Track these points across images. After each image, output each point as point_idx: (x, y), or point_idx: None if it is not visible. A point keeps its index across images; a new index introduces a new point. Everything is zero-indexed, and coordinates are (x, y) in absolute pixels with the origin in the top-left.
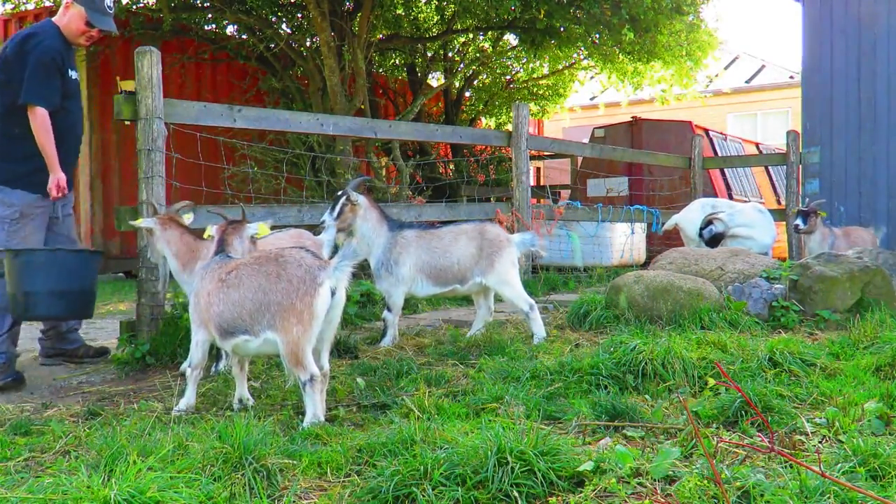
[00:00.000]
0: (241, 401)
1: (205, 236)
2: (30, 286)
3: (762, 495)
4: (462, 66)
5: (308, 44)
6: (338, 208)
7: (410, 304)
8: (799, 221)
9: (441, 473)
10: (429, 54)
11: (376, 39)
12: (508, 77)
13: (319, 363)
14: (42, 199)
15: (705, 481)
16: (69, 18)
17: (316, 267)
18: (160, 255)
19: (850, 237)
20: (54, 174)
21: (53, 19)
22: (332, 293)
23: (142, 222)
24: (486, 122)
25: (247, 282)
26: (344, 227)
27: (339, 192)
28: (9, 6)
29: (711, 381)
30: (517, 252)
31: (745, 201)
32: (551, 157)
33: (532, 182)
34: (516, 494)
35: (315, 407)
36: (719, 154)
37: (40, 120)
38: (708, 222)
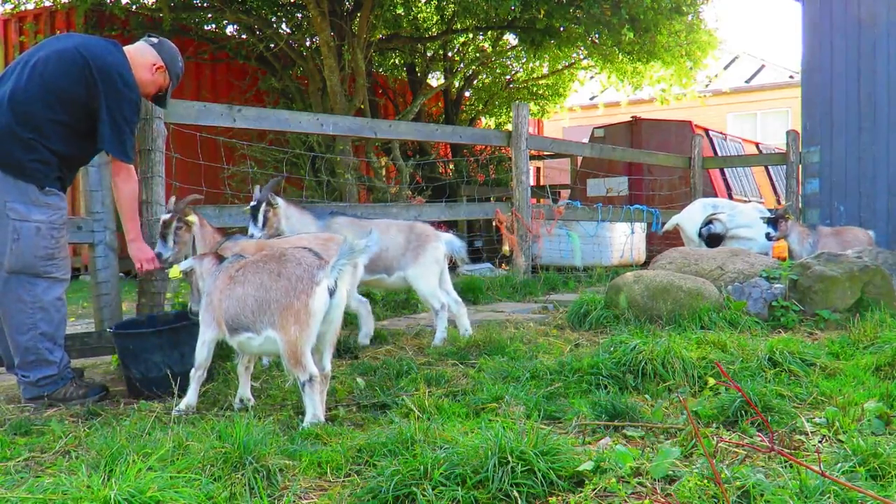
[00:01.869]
0: (241, 400)
1: (172, 276)
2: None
3: (762, 495)
4: (462, 66)
5: (308, 44)
6: (261, 218)
7: (410, 304)
8: (770, 229)
9: (441, 473)
10: (429, 54)
11: (376, 39)
12: (508, 77)
13: (321, 364)
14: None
15: (705, 481)
16: (154, 80)
17: (315, 266)
18: (189, 252)
19: (843, 236)
20: (139, 244)
21: (130, 58)
22: (332, 293)
23: (192, 218)
24: (486, 122)
25: (251, 279)
26: (273, 234)
27: (255, 203)
28: (9, 6)
29: (711, 381)
30: (444, 250)
31: (746, 201)
32: (551, 157)
33: (532, 182)
34: (516, 494)
35: (315, 407)
36: (719, 154)
37: (134, 182)
38: (708, 222)
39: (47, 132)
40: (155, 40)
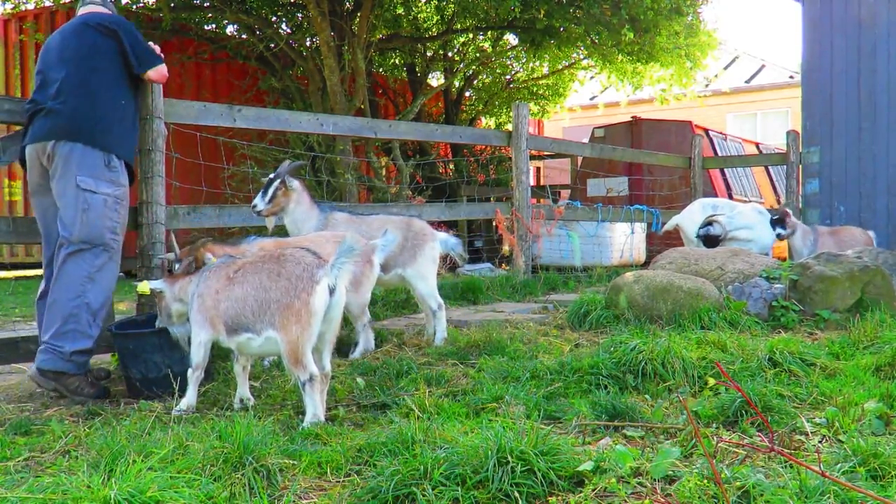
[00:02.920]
0: (241, 400)
1: (139, 291)
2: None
3: (762, 495)
4: (462, 65)
5: (308, 44)
6: (270, 192)
7: (410, 304)
8: (780, 230)
9: (441, 473)
10: (429, 54)
11: (376, 39)
12: (508, 77)
13: (321, 364)
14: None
15: (705, 481)
16: None
17: (314, 265)
18: None
19: (840, 236)
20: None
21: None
22: (332, 292)
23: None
24: (486, 122)
25: (250, 279)
26: (275, 212)
27: (272, 176)
28: (9, 6)
29: (711, 381)
30: (440, 249)
31: (746, 201)
32: (551, 157)
33: (532, 182)
34: (516, 494)
35: (315, 407)
36: (719, 154)
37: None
38: (707, 224)
39: (116, 90)
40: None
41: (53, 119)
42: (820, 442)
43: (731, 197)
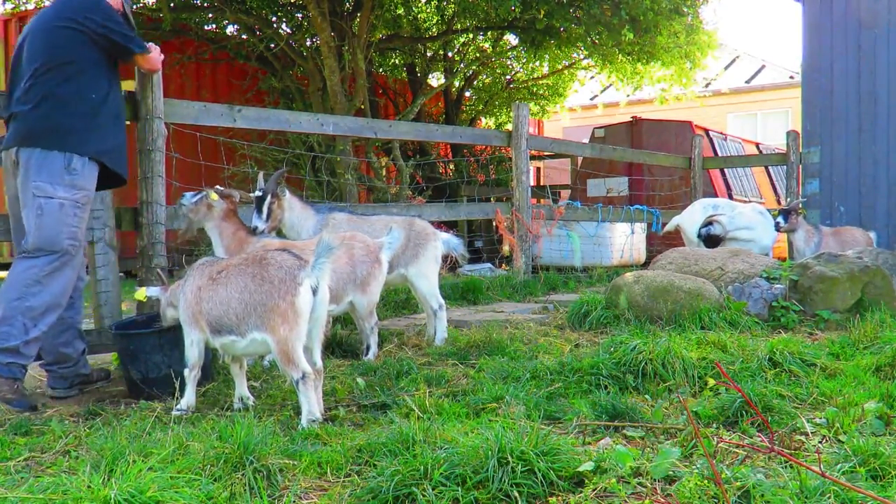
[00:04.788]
0: (241, 399)
1: (136, 297)
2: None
3: (762, 495)
4: (462, 66)
5: (308, 44)
6: (265, 210)
7: (410, 304)
8: (780, 220)
9: (441, 473)
10: (429, 54)
11: (376, 39)
12: (508, 77)
13: (312, 360)
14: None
15: (705, 481)
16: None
17: (295, 267)
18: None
19: (842, 236)
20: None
21: None
22: (314, 291)
23: (216, 200)
24: (486, 122)
25: (234, 281)
26: (276, 226)
27: (261, 194)
28: (9, 6)
29: (711, 381)
30: (442, 249)
31: (746, 201)
32: (551, 157)
33: (532, 182)
34: (517, 494)
35: (310, 404)
36: (719, 154)
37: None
38: (707, 223)
39: (87, 87)
40: None
41: (18, 124)
42: (820, 442)
43: (731, 197)
